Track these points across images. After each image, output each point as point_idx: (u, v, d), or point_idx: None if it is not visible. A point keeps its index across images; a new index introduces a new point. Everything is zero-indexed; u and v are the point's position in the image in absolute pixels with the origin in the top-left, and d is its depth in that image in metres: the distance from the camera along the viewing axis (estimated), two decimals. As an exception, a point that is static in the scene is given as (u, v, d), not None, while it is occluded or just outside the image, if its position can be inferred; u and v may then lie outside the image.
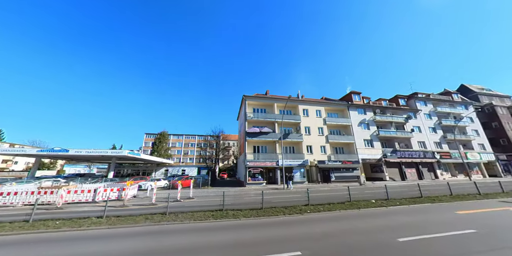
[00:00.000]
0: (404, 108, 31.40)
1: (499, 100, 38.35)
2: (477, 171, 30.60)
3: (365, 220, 6.76)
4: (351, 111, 28.43)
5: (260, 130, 23.84)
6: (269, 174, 23.56)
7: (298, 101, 27.04)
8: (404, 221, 6.55)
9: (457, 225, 5.83)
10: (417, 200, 9.58)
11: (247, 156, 22.86)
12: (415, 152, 27.99)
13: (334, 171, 24.37)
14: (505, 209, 7.97)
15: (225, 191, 10.06)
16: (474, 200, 9.79)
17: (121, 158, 26.68)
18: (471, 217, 6.94)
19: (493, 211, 7.81)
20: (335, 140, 25.76)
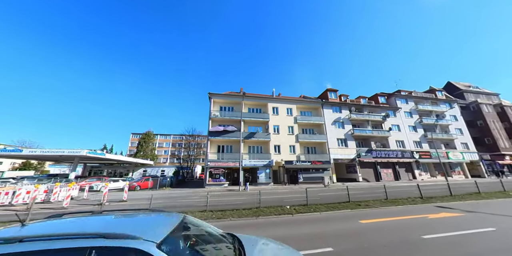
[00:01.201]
0: (383, 106, 30.25)
1: (486, 98, 37.02)
2: (459, 172, 29.38)
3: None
4: (326, 109, 27.33)
5: (224, 129, 22.85)
6: (233, 175, 22.55)
7: (269, 99, 26.01)
8: (276, 234, 5.51)
9: (316, 242, 4.73)
10: (339, 205, 8.52)
11: (208, 156, 21.88)
12: (392, 152, 26.83)
13: (303, 172, 23.29)
14: (423, 216, 6.88)
15: (174, 193, 9.17)
16: (407, 204, 8.71)
17: (86, 158, 25.82)
18: (370, 227, 5.89)
19: (408, 218, 6.74)
20: (306, 139, 24.67)
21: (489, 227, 5.48)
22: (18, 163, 57.06)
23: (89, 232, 1.71)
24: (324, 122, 26.10)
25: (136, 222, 2.45)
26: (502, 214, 7.05)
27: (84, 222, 2.37)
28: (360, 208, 8.22)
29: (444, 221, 6.37)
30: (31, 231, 1.93)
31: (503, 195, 11.05)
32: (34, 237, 1.61)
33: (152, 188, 20.47)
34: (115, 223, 2.34)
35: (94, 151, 24.10)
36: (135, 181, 20.91)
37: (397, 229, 5.72)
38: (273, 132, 24.23)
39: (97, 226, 2.10)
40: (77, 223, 2.29)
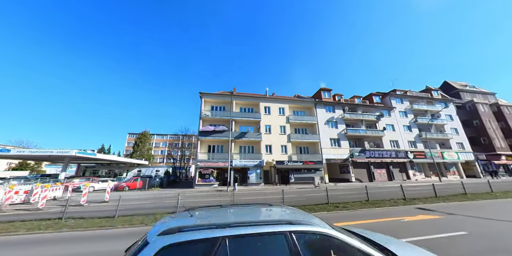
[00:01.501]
0: (378, 106, 29.96)
1: (482, 97, 36.71)
2: (454, 172, 29.10)
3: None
4: (319, 109, 27.05)
5: (215, 128, 22.60)
6: (224, 175, 22.30)
7: (260, 99, 25.74)
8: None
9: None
10: (315, 207, 8.27)
11: (198, 155, 21.64)
12: (386, 152, 26.56)
13: (295, 172, 23.04)
14: (399, 219, 6.62)
15: (160, 194, 9.01)
16: (388, 206, 8.44)
17: (77, 158, 25.61)
18: None
19: (383, 221, 6.48)
20: (298, 139, 24.41)
21: (461, 231, 5.23)
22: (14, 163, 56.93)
23: (278, 219, 2.11)
24: (317, 121, 25.83)
25: (280, 212, 2.65)
26: (481, 216, 6.79)
27: (239, 212, 2.75)
28: (338, 210, 7.99)
29: (418, 224, 6.11)
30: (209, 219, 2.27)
31: (489, 196, 10.80)
32: (236, 223, 1.94)
33: (141, 188, 20.25)
34: (267, 213, 2.62)
35: (84, 151, 23.83)
36: (124, 182, 20.69)
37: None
38: (265, 132, 23.97)
39: (265, 216, 2.41)
40: (234, 213, 2.66)
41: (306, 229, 1.96)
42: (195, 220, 2.20)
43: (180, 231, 1.80)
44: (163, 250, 1.65)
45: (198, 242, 1.73)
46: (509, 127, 32.55)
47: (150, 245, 1.71)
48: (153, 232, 1.90)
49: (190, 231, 1.81)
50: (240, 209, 2.95)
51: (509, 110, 34.07)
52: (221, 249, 1.71)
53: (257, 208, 3.06)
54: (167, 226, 1.94)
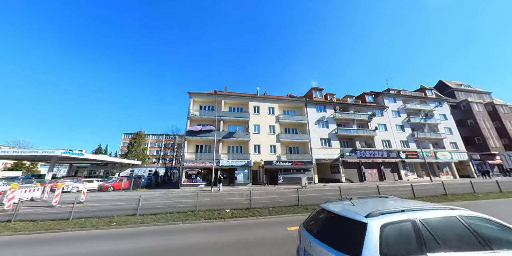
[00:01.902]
0: (370, 105, 29.60)
1: (477, 97, 36.32)
2: (447, 172, 28.74)
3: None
4: (310, 108, 26.73)
5: (202, 128, 22.32)
6: (211, 175, 21.97)
7: (250, 98, 25.43)
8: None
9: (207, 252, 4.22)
10: (285, 209, 7.96)
11: (185, 155, 21.37)
12: (378, 152, 26.21)
13: (283, 172, 22.72)
14: None
15: (142, 194, 8.81)
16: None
17: (64, 159, 25.37)
18: (290, 235, 5.33)
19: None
20: (288, 139, 24.09)
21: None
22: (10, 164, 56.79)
23: (439, 206, 2.50)
24: (307, 121, 25.51)
25: (408, 202, 2.93)
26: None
27: (390, 201, 3.10)
28: (306, 212, 7.67)
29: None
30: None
31: (471, 196, 10.48)
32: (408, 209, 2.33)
33: (126, 189, 19.96)
34: (409, 202, 2.94)
35: (71, 151, 23.60)
36: (109, 182, 20.40)
37: None
38: (253, 132, 23.67)
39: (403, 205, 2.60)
40: (377, 203, 2.99)
41: (471, 214, 2.36)
42: (370, 206, 2.63)
43: (382, 214, 2.18)
44: (382, 228, 2.05)
45: (402, 222, 2.12)
46: (504, 126, 32.17)
47: (371, 224, 2.07)
48: (349, 215, 2.32)
49: (389, 214, 2.20)
50: (384, 200, 3.31)
51: (504, 110, 33.69)
52: (419, 228, 2.08)
53: (393, 198, 3.45)
54: (364, 211, 2.33)
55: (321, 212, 2.88)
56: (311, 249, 2.41)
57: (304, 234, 2.72)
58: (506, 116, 33.06)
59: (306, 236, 2.62)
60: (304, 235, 2.70)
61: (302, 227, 2.92)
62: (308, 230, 2.72)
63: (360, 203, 2.89)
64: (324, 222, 2.63)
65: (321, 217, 2.77)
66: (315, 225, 2.73)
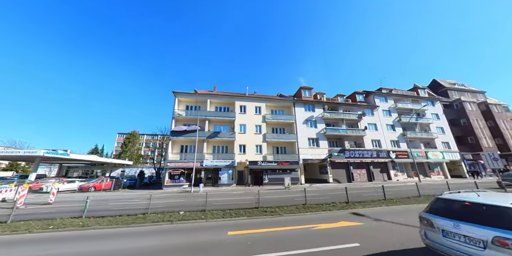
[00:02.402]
0: (361, 105, 29.22)
1: (471, 96, 35.85)
2: (438, 172, 28.35)
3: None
4: (298, 108, 26.39)
5: (187, 128, 22.05)
6: (196, 175, 21.71)
7: (236, 97, 25.11)
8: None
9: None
10: (242, 211, 7.66)
11: (169, 156, 21.11)
12: (367, 152, 25.85)
13: (269, 173, 22.42)
14: (310, 227, 5.96)
15: (120, 195, 8.53)
16: (320, 211, 7.79)
17: (49, 159, 25.17)
18: (231, 240, 5.03)
19: (289, 229, 5.84)
20: (274, 139, 23.78)
21: (355, 243, 4.60)
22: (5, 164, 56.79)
23: None
24: (295, 121, 25.18)
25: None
26: (408, 223, 6.15)
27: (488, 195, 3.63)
28: (263, 215, 7.37)
29: (324, 234, 5.48)
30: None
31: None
32: None
33: (107, 189, 19.72)
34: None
35: (55, 151, 23.34)
36: (92, 182, 20.15)
37: (260, 242, 4.91)
38: (239, 132, 23.37)
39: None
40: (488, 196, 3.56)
41: None
42: (494, 196, 3.48)
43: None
44: None
45: None
46: (497, 126, 31.71)
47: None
48: (495, 203, 3.05)
49: None
50: (489, 192, 4.03)
51: (498, 109, 33.21)
52: None
53: (490, 192, 4.12)
54: (499, 200, 3.14)
55: (445, 201, 3.67)
56: (459, 229, 3.10)
57: (438, 219, 3.46)
58: (499, 115, 32.59)
59: (444, 220, 3.37)
60: (438, 220, 3.44)
61: (430, 214, 3.69)
62: (443, 216, 3.46)
63: (483, 195, 3.59)
64: (465, 209, 3.30)
65: (455, 205, 3.48)
66: (451, 212, 3.43)
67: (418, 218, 3.92)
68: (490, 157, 12.95)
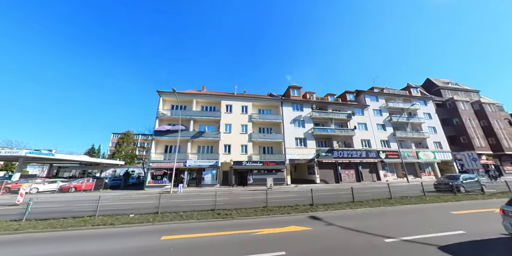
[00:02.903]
0: (351, 104, 28.80)
1: (464, 95, 35.34)
2: (429, 172, 27.90)
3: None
4: (286, 107, 26.03)
5: (171, 128, 21.75)
6: (179, 176, 21.42)
7: (222, 97, 24.77)
8: None
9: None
10: (196, 213, 7.35)
11: (151, 156, 20.81)
12: (356, 152, 25.45)
13: (254, 173, 22.08)
14: (248, 232, 5.57)
15: (93, 196, 8.23)
16: (278, 215, 7.42)
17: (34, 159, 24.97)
18: (161, 245, 4.70)
19: (232, 234, 5.50)
20: (260, 138, 23.43)
21: (282, 251, 4.26)
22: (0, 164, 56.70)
23: None
24: (282, 120, 24.82)
25: None
26: (353, 228, 5.79)
27: None
28: (213, 219, 7.02)
29: (260, 239, 5.14)
30: None
31: (419, 200, 9.75)
32: None
33: (87, 190, 19.44)
34: None
35: (38, 151, 23.10)
36: (73, 183, 19.88)
37: (186, 248, 4.59)
38: (224, 131, 23.05)
39: None
40: None
41: None
42: None
43: None
44: None
45: None
46: (491, 125, 31.22)
47: None
48: None
49: None
50: None
51: (492, 108, 32.71)
52: None
53: None
54: None
55: None
56: None
57: None
58: (493, 115, 32.09)
59: None
60: None
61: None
62: None
63: None
64: None
65: None
66: None
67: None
68: (469, 157, 12.57)
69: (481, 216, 7.11)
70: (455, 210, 7.93)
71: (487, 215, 7.25)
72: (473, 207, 8.34)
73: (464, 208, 8.31)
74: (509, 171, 30.09)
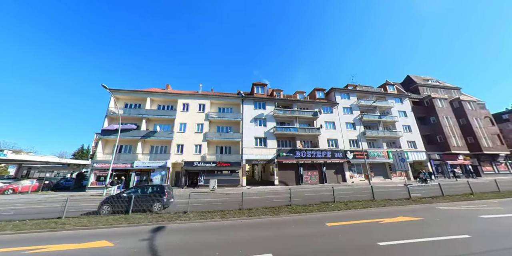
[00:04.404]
0: (319, 102, 27.62)
1: (444, 92, 33.85)
2: (400, 173, 26.58)
3: None
4: (247, 105, 25.00)
5: (122, 127, 20.86)
6: (127, 177, 20.57)
7: (178, 95, 23.85)
8: None
9: None
10: (86, 222, 6.47)
11: (97, 156, 20.00)
12: (321, 152, 24.31)
13: (207, 174, 21.13)
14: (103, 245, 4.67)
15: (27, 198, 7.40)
16: (154, 223, 6.50)
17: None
18: None
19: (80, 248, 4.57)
20: (216, 138, 22.45)
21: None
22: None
23: None
24: (242, 119, 23.80)
25: None
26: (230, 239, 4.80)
27: None
28: (95, 226, 6.08)
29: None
30: None
31: (320, 208, 8.67)
32: None
33: (24, 192, 18.62)
34: None
35: (-13, 151, 22.48)
36: (12, 184, 19.12)
37: None
38: (178, 131, 22.13)
39: None
40: None
41: None
42: None
43: None
44: None
45: None
46: (470, 124, 29.77)
47: None
48: None
49: None
50: None
51: (472, 106, 31.23)
52: None
53: None
54: None
55: None
56: None
57: None
58: (472, 113, 30.63)
59: None
60: None
61: None
62: None
63: None
64: None
65: None
66: None
67: None
68: (398, 157, 11.42)
69: (358, 228, 6.03)
70: (332, 221, 6.77)
71: (367, 226, 6.17)
72: (362, 217, 7.13)
73: (347, 218, 7.08)
74: (487, 171, 28.67)
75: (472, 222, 6.25)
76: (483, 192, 11.63)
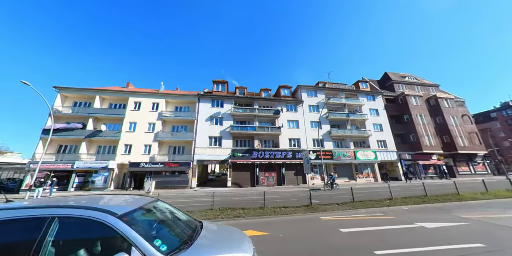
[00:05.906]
0: (283, 100, 26.45)
1: (422, 89, 32.34)
2: (367, 174, 25.35)
3: None
4: (204, 103, 24.01)
5: (66, 126, 20.16)
6: (69, 178, 19.79)
7: (130, 93, 23.01)
8: None
9: None
10: None
11: (35, 156, 19.24)
12: (281, 152, 23.21)
13: (155, 176, 20.22)
14: None
15: None
16: None
17: None
18: None
19: None
20: (168, 138, 21.54)
21: None
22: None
23: None
24: (196, 118, 22.85)
25: None
26: None
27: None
28: None
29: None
30: None
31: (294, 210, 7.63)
32: None
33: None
34: None
35: None
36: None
37: None
38: (128, 130, 21.29)
39: None
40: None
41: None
42: None
43: None
44: None
45: None
46: (445, 122, 28.32)
47: None
48: None
49: None
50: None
51: (449, 103, 29.74)
52: None
53: None
54: None
55: None
56: None
57: None
58: (449, 110, 29.14)
59: None
60: None
61: None
62: None
63: None
64: None
65: None
66: None
67: None
68: (305, 158, 10.30)
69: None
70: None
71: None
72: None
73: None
74: (463, 172, 27.22)
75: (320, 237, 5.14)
76: (409, 197, 10.43)
